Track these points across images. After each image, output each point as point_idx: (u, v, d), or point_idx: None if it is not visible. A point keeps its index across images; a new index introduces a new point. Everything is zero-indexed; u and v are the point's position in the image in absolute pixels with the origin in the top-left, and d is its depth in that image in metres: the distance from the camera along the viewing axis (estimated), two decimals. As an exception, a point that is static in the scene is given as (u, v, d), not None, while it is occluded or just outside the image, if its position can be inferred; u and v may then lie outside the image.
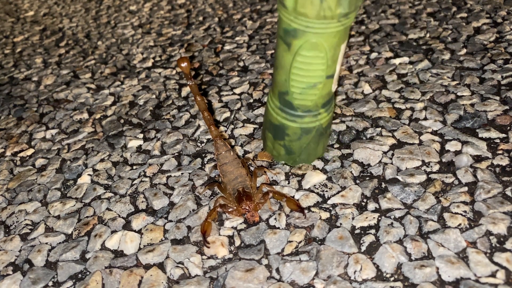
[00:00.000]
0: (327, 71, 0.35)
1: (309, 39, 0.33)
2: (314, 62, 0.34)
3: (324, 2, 0.30)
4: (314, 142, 0.40)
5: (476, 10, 0.77)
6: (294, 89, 0.37)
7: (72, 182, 0.57)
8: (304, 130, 0.39)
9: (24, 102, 0.78)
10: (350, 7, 0.31)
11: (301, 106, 0.38)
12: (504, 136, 0.50)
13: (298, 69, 0.35)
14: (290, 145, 0.41)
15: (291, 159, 0.42)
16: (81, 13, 1.16)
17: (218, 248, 0.43)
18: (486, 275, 0.37)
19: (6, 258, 0.47)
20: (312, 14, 0.31)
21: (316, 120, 0.39)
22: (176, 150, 0.58)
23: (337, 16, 0.31)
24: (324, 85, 0.36)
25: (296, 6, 0.31)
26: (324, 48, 0.33)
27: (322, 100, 0.37)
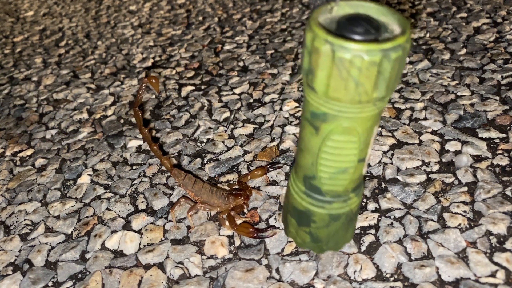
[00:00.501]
0: (359, 155, 0.32)
1: (341, 123, 0.30)
2: (346, 146, 0.31)
3: (360, 87, 0.27)
4: (343, 229, 0.37)
5: (476, 10, 0.77)
6: (323, 174, 0.33)
7: (72, 182, 0.57)
8: (333, 216, 0.36)
9: (24, 102, 0.78)
10: (387, 91, 0.28)
11: (330, 192, 0.34)
12: (504, 136, 0.50)
13: (327, 154, 0.32)
14: (317, 233, 0.37)
15: (318, 247, 0.39)
16: (81, 13, 1.16)
17: (218, 248, 0.43)
18: (486, 275, 0.37)
19: (6, 258, 0.47)
20: (346, 99, 0.28)
21: (346, 206, 0.35)
22: (176, 150, 0.58)
23: (373, 100, 0.28)
24: (355, 169, 0.33)
25: (327, 91, 0.28)
26: (357, 132, 0.30)
27: (353, 184, 0.34)
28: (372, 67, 0.26)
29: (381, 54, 0.26)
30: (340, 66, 0.26)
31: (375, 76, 0.27)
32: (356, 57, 0.26)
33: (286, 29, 0.85)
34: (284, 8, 0.94)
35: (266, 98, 0.65)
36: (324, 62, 0.27)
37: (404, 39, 0.26)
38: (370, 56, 0.26)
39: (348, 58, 0.26)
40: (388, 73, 0.27)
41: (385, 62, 0.26)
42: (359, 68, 0.26)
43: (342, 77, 0.27)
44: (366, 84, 0.27)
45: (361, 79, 0.27)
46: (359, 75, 0.26)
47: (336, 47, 0.26)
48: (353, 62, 0.26)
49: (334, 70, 0.27)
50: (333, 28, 0.28)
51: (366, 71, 0.26)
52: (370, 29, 0.27)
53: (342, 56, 0.26)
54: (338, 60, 0.26)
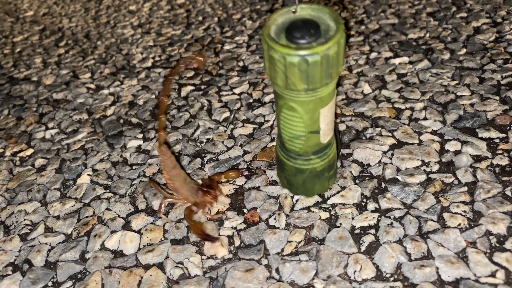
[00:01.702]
0: (308, 128, 0.39)
1: (286, 102, 0.37)
2: (294, 119, 0.38)
3: (289, 80, 0.34)
4: (309, 182, 0.44)
5: (476, 10, 0.77)
6: (284, 135, 0.41)
7: (72, 182, 0.56)
8: (298, 170, 0.43)
9: (24, 102, 0.78)
10: (314, 85, 0.35)
11: (291, 150, 0.42)
12: (504, 136, 0.50)
13: (283, 122, 0.40)
14: (289, 178, 0.45)
15: (292, 189, 0.47)
16: (81, 13, 1.16)
17: (218, 248, 0.43)
18: (485, 275, 0.37)
19: (5, 258, 0.47)
20: (282, 86, 0.35)
21: (308, 164, 0.42)
22: (176, 150, 0.58)
23: (303, 90, 0.35)
24: (308, 138, 0.40)
25: (270, 76, 0.36)
26: (300, 111, 0.37)
27: (311, 149, 0.41)
28: (292, 66, 0.33)
29: (299, 58, 0.33)
30: (272, 62, 0.34)
31: (298, 74, 0.34)
32: (280, 57, 0.33)
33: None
34: (284, 8, 0.94)
35: (266, 98, 0.65)
36: (265, 55, 0.35)
37: (323, 48, 0.33)
38: (289, 58, 0.33)
39: (276, 57, 0.34)
40: (309, 73, 0.33)
41: (303, 65, 0.33)
42: (284, 65, 0.34)
43: (275, 69, 0.35)
44: (292, 78, 0.34)
45: (287, 74, 0.34)
46: (285, 71, 0.34)
47: (269, 47, 0.34)
48: (279, 60, 0.34)
49: (270, 63, 0.35)
50: (284, 28, 0.35)
51: (289, 69, 0.33)
52: (306, 35, 0.34)
53: (272, 55, 0.34)
54: (270, 57, 0.34)
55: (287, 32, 0.35)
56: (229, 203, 0.48)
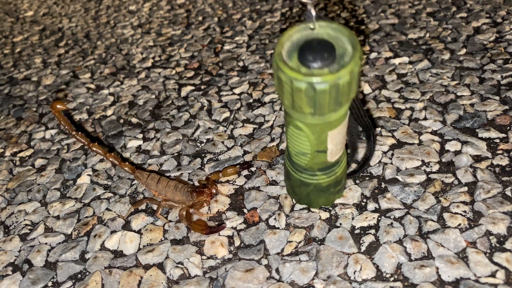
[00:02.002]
0: (315, 148, 0.38)
1: (293, 121, 0.36)
2: (300, 138, 0.37)
3: (295, 103, 0.33)
4: (314, 195, 0.44)
5: (476, 10, 0.77)
6: (291, 149, 0.40)
7: (72, 182, 0.56)
8: (303, 182, 0.43)
9: (24, 102, 0.78)
10: (321, 111, 0.33)
11: (296, 164, 0.41)
12: (504, 136, 0.50)
13: (290, 137, 0.39)
14: (294, 188, 0.45)
15: (296, 198, 0.46)
16: (81, 13, 1.16)
17: (218, 248, 0.43)
18: (486, 275, 0.37)
19: (5, 258, 0.47)
20: (288, 105, 0.34)
21: (313, 179, 0.42)
22: (176, 150, 0.58)
23: (309, 114, 0.34)
24: (314, 156, 0.39)
25: (279, 95, 0.35)
26: (306, 132, 0.36)
27: (317, 166, 0.40)
28: (299, 91, 0.32)
29: (306, 84, 0.31)
30: (280, 82, 0.33)
31: (305, 99, 0.32)
32: (287, 80, 0.32)
33: (286, 29, 0.85)
34: (284, 8, 0.94)
35: (266, 98, 0.65)
36: (274, 75, 0.34)
37: (333, 78, 0.31)
38: (296, 83, 0.31)
39: (283, 79, 0.32)
40: (315, 100, 0.32)
41: (310, 91, 0.31)
42: (291, 88, 0.32)
43: (282, 91, 0.33)
44: (299, 102, 0.33)
45: (294, 97, 0.33)
46: (292, 93, 0.32)
47: (279, 69, 0.32)
48: (287, 82, 0.32)
49: (278, 83, 0.33)
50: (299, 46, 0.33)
51: (296, 93, 0.32)
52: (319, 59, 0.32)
53: (280, 76, 0.32)
54: (279, 78, 0.33)
55: (299, 52, 0.32)
56: (229, 203, 0.48)
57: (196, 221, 0.45)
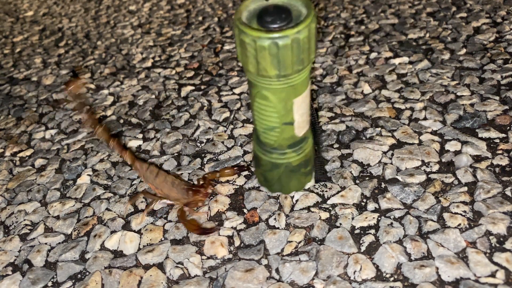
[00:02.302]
0: (282, 119, 0.38)
1: (259, 90, 0.37)
2: (267, 109, 0.38)
3: (260, 65, 0.34)
4: (285, 177, 0.44)
5: (476, 10, 0.77)
6: (258, 127, 0.41)
7: (72, 182, 0.56)
8: (274, 164, 0.43)
9: (24, 102, 0.78)
10: (286, 71, 0.34)
11: (266, 144, 0.41)
12: (504, 136, 0.50)
13: (257, 112, 0.39)
14: (265, 174, 0.44)
15: (268, 186, 0.46)
16: (81, 13, 1.16)
17: (218, 248, 0.43)
18: (485, 275, 0.37)
19: (5, 258, 0.47)
20: (253, 72, 0.35)
21: (284, 158, 0.42)
22: (176, 150, 0.58)
23: (274, 76, 0.35)
24: (282, 130, 0.39)
25: (242, 63, 0.35)
26: (273, 100, 0.37)
27: (287, 142, 0.41)
28: (263, 50, 0.33)
29: (269, 41, 0.33)
30: (243, 46, 0.34)
31: (269, 58, 0.33)
32: (251, 41, 0.33)
33: (285, 29, 0.85)
34: (284, 8, 0.94)
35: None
36: (236, 41, 0.35)
37: (293, 31, 0.32)
38: (259, 41, 0.33)
39: (247, 41, 0.33)
40: (280, 57, 0.33)
41: (273, 48, 0.33)
42: (254, 49, 0.33)
43: (246, 54, 0.34)
44: (263, 62, 0.34)
45: (258, 58, 0.34)
46: (256, 55, 0.33)
47: (241, 32, 0.34)
48: (250, 44, 0.33)
49: (242, 48, 0.34)
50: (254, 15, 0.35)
51: (260, 53, 0.33)
52: (277, 19, 0.34)
53: (243, 38, 0.34)
54: (242, 41, 0.34)
55: (258, 18, 0.34)
56: (229, 203, 0.48)
57: (189, 220, 0.45)
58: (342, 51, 0.73)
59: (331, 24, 0.83)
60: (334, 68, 0.69)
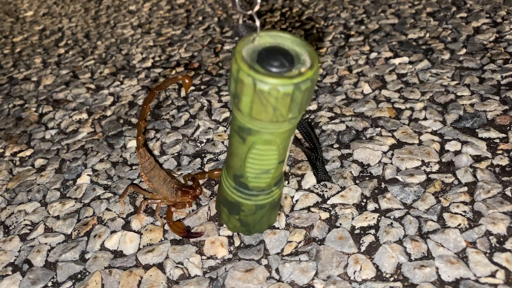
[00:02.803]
0: (279, 158, 0.38)
1: (262, 136, 0.36)
2: (268, 153, 0.37)
3: (277, 111, 0.33)
4: (267, 215, 0.43)
5: (476, 10, 0.77)
6: (249, 174, 0.39)
7: (72, 182, 0.56)
8: (258, 206, 0.41)
9: (24, 102, 0.78)
10: (300, 112, 0.34)
11: (255, 188, 0.40)
12: (504, 136, 0.50)
13: (252, 159, 0.38)
14: (245, 219, 0.43)
15: (246, 230, 0.44)
16: (81, 13, 1.16)
17: (218, 248, 0.43)
18: (485, 275, 0.37)
19: (5, 258, 0.47)
20: (266, 119, 0.34)
21: (269, 197, 0.41)
22: (176, 150, 0.58)
23: (288, 119, 0.34)
24: (276, 169, 0.39)
25: (251, 112, 0.33)
26: (276, 142, 0.36)
27: (275, 180, 0.40)
28: (286, 97, 0.31)
29: (293, 86, 0.31)
30: (260, 96, 0.32)
31: (289, 103, 0.32)
32: (273, 89, 0.31)
33: (286, 29, 0.85)
34: (284, 8, 0.94)
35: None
36: (247, 91, 0.32)
37: (312, 73, 0.32)
38: (284, 89, 0.31)
39: (267, 90, 0.31)
40: (299, 100, 0.32)
41: (297, 93, 0.31)
42: (276, 97, 0.31)
43: (262, 103, 0.32)
44: (282, 109, 0.32)
45: (277, 106, 0.32)
46: (276, 103, 0.32)
47: (257, 80, 0.31)
48: (271, 93, 0.31)
49: (255, 98, 0.32)
50: (254, 59, 0.33)
51: (281, 100, 0.32)
52: (285, 62, 0.32)
53: (262, 88, 0.31)
54: (259, 91, 0.31)
55: (260, 62, 0.32)
56: (229, 203, 0.48)
57: (175, 222, 0.45)
58: (342, 51, 0.74)
59: (331, 24, 0.83)
60: (334, 68, 0.69)
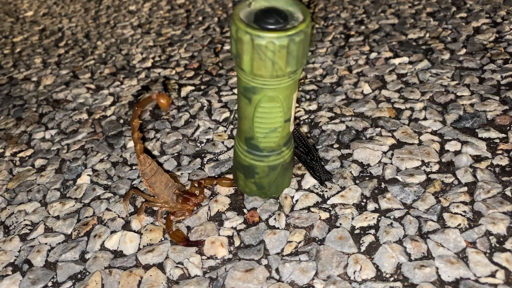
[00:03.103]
0: (285, 117, 0.40)
1: (266, 93, 0.38)
2: (273, 111, 0.39)
3: (276, 65, 0.35)
4: (280, 176, 0.45)
5: (476, 10, 0.77)
6: (258, 134, 0.41)
7: (72, 182, 0.56)
8: (271, 167, 0.44)
9: (24, 102, 0.78)
10: (297, 65, 0.36)
11: (266, 148, 0.42)
12: (504, 136, 0.50)
13: (260, 118, 0.40)
14: (260, 182, 0.45)
15: (263, 193, 0.47)
16: (81, 13, 1.16)
17: (218, 248, 0.43)
18: (485, 275, 0.37)
19: (5, 258, 0.47)
20: (267, 75, 0.36)
21: (280, 158, 0.44)
22: (176, 150, 0.58)
23: (287, 73, 0.36)
24: (283, 128, 0.41)
25: (252, 69, 0.36)
26: (280, 99, 0.38)
27: (284, 140, 0.43)
28: (282, 49, 0.34)
29: (288, 39, 0.34)
30: (259, 50, 0.34)
31: (286, 56, 0.35)
32: (269, 43, 0.34)
33: (285, 29, 0.85)
34: (284, 8, 0.94)
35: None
36: (247, 48, 0.35)
37: (305, 25, 0.34)
38: (279, 41, 0.34)
39: (264, 44, 0.34)
40: (295, 52, 0.35)
41: (292, 45, 0.34)
42: (273, 50, 0.34)
43: (261, 58, 0.35)
44: (280, 62, 0.35)
45: (275, 59, 0.35)
46: (273, 56, 0.34)
47: (254, 36, 0.34)
48: (268, 46, 0.34)
49: (254, 54, 0.35)
50: (251, 20, 0.36)
51: (278, 53, 0.34)
52: (279, 19, 0.35)
53: (259, 43, 0.34)
54: (257, 46, 0.34)
55: (257, 22, 0.35)
56: (229, 203, 0.48)
57: (175, 231, 0.45)
58: (342, 51, 0.74)
59: (331, 24, 0.83)
60: (334, 68, 0.69)
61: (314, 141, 0.55)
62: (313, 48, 0.76)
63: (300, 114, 0.60)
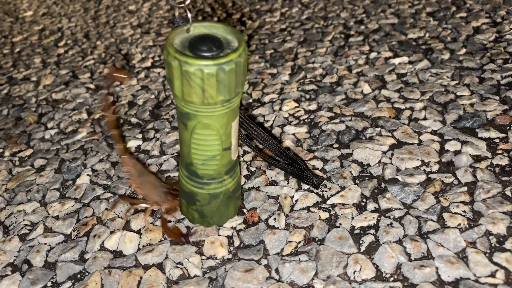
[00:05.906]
0: (223, 145, 0.39)
1: (200, 120, 0.37)
2: (209, 138, 0.39)
3: (206, 93, 0.35)
4: (223, 205, 0.44)
5: (476, 9, 0.77)
6: (196, 160, 0.40)
7: (71, 182, 0.56)
8: (212, 195, 0.43)
9: (23, 102, 0.78)
10: (230, 95, 0.35)
11: (205, 175, 0.41)
12: (504, 136, 0.50)
13: (196, 144, 0.39)
14: (202, 209, 0.44)
15: (205, 221, 0.45)
16: (80, 13, 1.16)
17: (217, 249, 0.43)
18: (485, 275, 0.37)
19: (5, 258, 0.47)
20: (198, 101, 0.35)
21: (222, 186, 0.42)
22: (176, 150, 0.58)
23: (220, 102, 0.35)
24: (222, 156, 0.40)
25: (183, 96, 0.35)
26: (215, 127, 0.38)
27: (224, 168, 0.41)
28: (211, 77, 0.33)
29: (217, 67, 0.33)
30: (187, 77, 0.34)
31: (216, 84, 0.34)
32: (197, 70, 0.33)
33: (285, 29, 0.85)
34: (284, 8, 0.94)
35: (265, 98, 0.65)
36: (176, 74, 0.34)
37: (236, 55, 0.34)
38: (208, 69, 0.33)
39: (192, 71, 0.33)
40: (226, 82, 0.34)
41: (221, 73, 0.34)
42: (201, 78, 0.34)
43: (190, 85, 0.34)
44: (210, 90, 0.34)
45: (205, 87, 0.34)
46: (202, 84, 0.34)
47: (182, 62, 0.33)
48: (196, 73, 0.33)
49: (184, 80, 0.34)
50: (186, 46, 0.35)
51: (207, 81, 0.34)
52: (212, 47, 0.35)
53: (187, 69, 0.33)
54: (185, 72, 0.34)
55: (191, 48, 0.35)
56: (229, 203, 0.48)
57: (171, 229, 0.45)
58: (342, 51, 0.73)
59: (331, 24, 0.83)
60: (333, 68, 0.69)
61: (313, 141, 0.55)
62: (313, 48, 0.76)
63: (300, 114, 0.60)
